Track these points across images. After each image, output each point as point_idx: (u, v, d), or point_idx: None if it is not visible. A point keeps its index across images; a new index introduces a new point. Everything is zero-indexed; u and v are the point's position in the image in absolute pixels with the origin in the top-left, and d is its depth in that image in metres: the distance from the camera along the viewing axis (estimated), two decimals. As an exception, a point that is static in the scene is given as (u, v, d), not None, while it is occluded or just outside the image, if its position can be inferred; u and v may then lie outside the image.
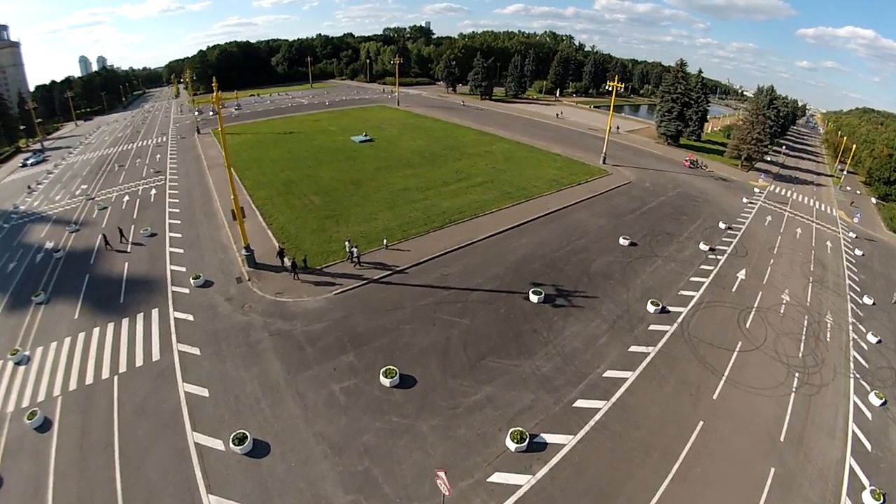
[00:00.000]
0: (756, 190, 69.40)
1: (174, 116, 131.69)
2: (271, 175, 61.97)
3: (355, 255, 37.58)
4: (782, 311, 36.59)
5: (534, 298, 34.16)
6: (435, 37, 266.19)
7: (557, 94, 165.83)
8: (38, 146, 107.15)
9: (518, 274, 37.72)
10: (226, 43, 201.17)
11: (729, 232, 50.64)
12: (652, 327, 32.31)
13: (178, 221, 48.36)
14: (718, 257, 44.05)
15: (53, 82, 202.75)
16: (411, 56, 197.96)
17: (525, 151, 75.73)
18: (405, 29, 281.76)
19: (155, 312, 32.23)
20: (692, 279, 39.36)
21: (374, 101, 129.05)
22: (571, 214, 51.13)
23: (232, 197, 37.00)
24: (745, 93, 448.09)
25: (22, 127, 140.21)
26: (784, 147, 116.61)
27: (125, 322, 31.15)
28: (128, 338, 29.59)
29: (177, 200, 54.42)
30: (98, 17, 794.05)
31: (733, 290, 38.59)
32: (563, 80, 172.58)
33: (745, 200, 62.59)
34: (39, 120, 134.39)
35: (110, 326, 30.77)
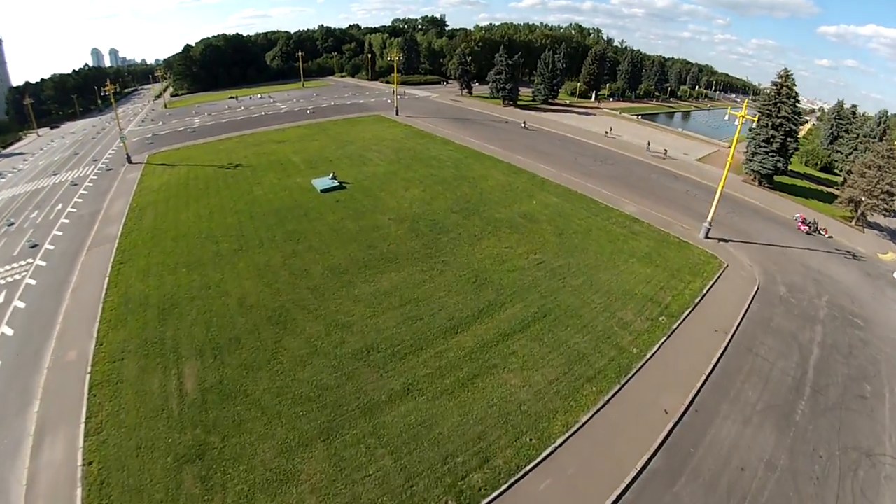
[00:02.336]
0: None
1: (131, 128, 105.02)
2: (159, 276, 34.53)
3: None
4: None
5: None
6: (449, 29, 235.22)
7: (594, 98, 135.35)
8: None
9: None
10: (212, 36, 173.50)
11: None
12: None
13: None
14: None
15: (27, 83, 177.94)
16: (421, 50, 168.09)
17: (585, 213, 45.93)
18: (416, 20, 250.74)
19: None
20: None
21: (370, 107, 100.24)
22: (711, 432, 22.75)
23: None
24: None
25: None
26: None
27: None
28: None
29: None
30: (115, 9, 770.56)
31: None
32: (597, 80, 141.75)
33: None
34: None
35: None
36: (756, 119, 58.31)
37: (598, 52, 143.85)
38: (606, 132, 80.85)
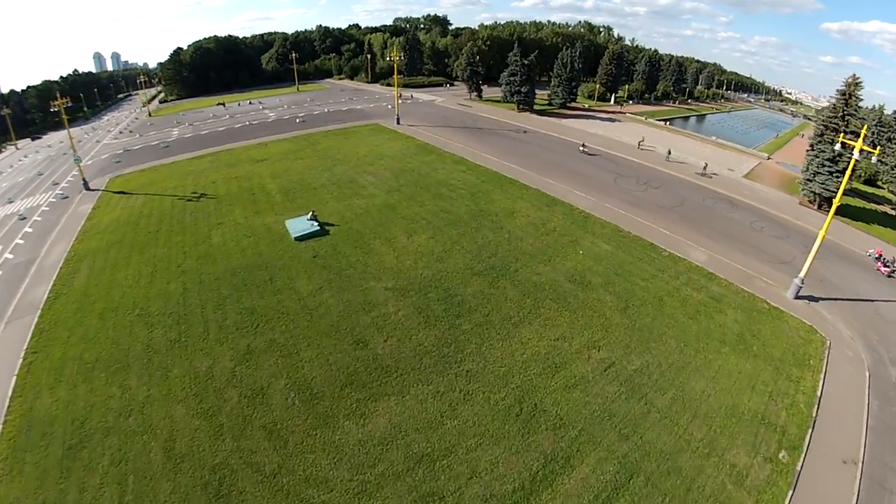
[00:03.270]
0: None
1: (106, 141, 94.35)
2: (72, 383, 24.42)
3: None
4: None
5: None
6: (452, 28, 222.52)
7: (613, 101, 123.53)
8: None
9: None
10: (203, 38, 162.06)
11: None
12: None
13: None
14: None
15: (11, 91, 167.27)
16: (424, 49, 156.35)
17: (649, 269, 34.13)
18: (418, 19, 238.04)
19: None
20: None
21: (368, 114, 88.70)
22: None
23: None
24: (787, 94, 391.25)
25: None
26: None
27: None
28: None
29: None
30: (118, 13, 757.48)
31: None
32: (615, 82, 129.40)
33: None
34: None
35: None
36: (858, 147, 47.13)
37: (616, 51, 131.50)
38: (639, 144, 69.40)
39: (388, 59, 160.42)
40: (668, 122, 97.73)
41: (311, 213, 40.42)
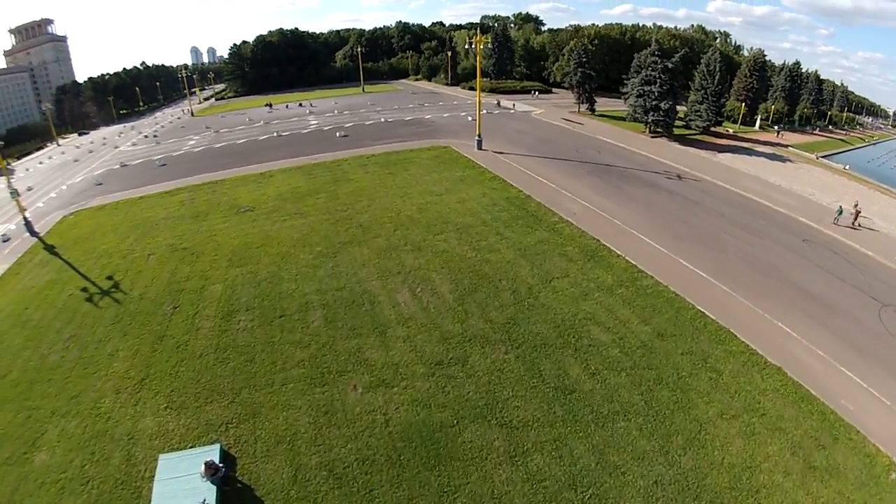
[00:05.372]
0: None
1: (123, 148, 76.01)
2: None
3: None
4: None
5: None
6: (545, 29, 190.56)
7: (759, 125, 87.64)
8: None
9: None
10: (267, 32, 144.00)
11: None
12: None
13: None
14: None
15: (74, 82, 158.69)
16: (515, 48, 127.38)
17: None
18: (508, 17, 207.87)
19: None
20: None
21: (437, 128, 61.93)
22: None
23: None
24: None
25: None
26: None
27: None
28: None
29: None
30: (217, 11, 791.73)
31: None
32: (755, 100, 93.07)
33: None
34: None
35: None
36: None
37: (759, 61, 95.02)
38: (855, 216, 35.78)
39: (471, 57, 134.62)
40: (846, 167, 62.41)
41: (217, 445, 14.47)
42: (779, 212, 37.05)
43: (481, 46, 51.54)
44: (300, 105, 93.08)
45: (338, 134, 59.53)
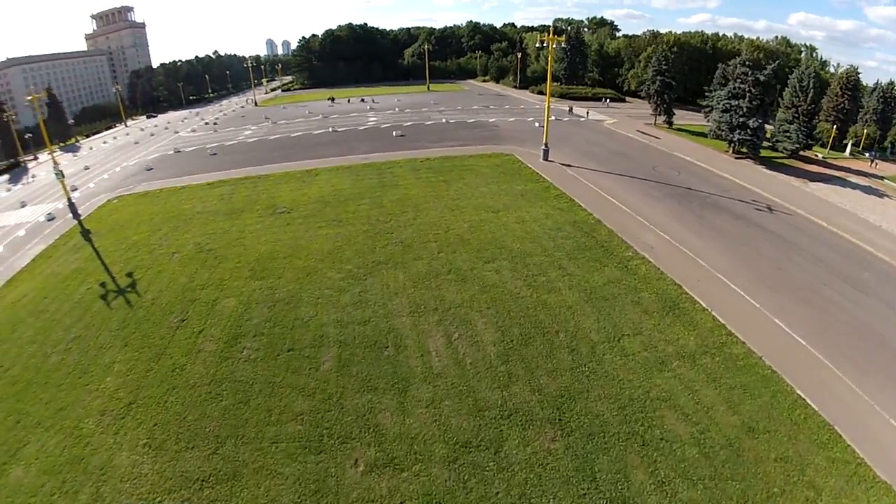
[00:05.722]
0: None
1: (182, 133, 76.64)
2: None
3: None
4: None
5: None
6: (621, 34, 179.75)
7: (849, 151, 76.01)
8: None
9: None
10: (336, 27, 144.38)
11: None
12: None
13: None
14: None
15: (148, 68, 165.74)
16: (589, 52, 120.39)
17: None
18: (582, 21, 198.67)
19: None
20: None
21: (501, 133, 57.38)
22: None
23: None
24: None
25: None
26: None
27: None
28: None
29: None
30: (291, 9, 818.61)
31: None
32: (845, 122, 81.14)
33: None
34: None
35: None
36: None
37: (851, 80, 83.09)
38: None
39: (541, 59, 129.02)
40: None
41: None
42: (882, 260, 30.12)
43: (553, 46, 46.67)
44: (362, 100, 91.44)
45: (395, 133, 56.43)
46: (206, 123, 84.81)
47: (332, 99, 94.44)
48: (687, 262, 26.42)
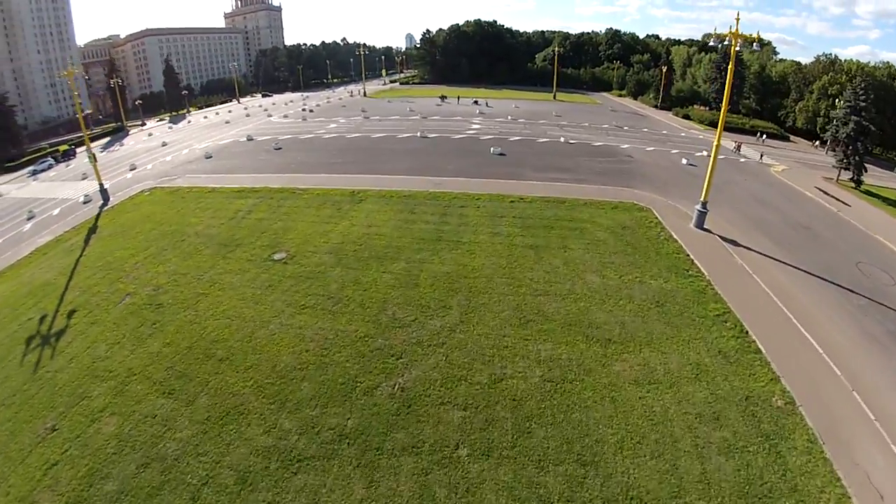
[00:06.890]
0: None
1: (275, 119, 71.41)
2: None
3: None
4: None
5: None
6: (777, 58, 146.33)
7: None
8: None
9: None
10: (464, 22, 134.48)
11: None
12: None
13: None
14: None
15: (273, 48, 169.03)
16: (746, 74, 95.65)
17: None
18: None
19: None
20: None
21: (635, 168, 42.02)
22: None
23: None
24: None
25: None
26: None
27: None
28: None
29: None
30: (431, 9, 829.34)
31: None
32: None
33: None
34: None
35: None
36: None
37: None
38: None
39: (689, 76, 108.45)
40: None
41: None
42: None
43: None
44: (475, 102, 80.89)
45: (493, 149, 44.03)
46: (303, 110, 79.39)
47: (444, 97, 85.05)
48: None
